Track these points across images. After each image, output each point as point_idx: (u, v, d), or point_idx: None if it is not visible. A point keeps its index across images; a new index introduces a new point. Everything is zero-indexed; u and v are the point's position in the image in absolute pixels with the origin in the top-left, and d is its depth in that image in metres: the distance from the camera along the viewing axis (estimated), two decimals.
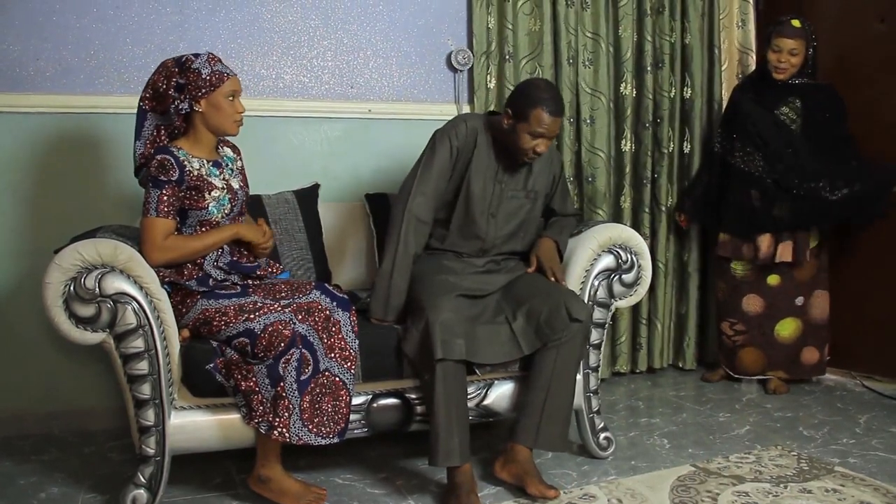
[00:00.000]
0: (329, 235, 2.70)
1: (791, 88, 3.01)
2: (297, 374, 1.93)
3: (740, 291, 3.11)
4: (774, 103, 3.02)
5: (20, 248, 2.60)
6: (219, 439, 2.01)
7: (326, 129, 2.95)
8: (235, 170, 2.22)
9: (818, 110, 2.99)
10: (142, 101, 2.12)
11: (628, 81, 3.22)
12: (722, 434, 2.59)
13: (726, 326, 3.17)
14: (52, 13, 2.60)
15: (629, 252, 2.38)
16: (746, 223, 3.03)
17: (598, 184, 3.18)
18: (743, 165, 3.04)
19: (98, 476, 2.27)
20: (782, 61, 2.95)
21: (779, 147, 2.97)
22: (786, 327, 3.08)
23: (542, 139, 2.25)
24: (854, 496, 2.04)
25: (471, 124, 2.37)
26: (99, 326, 1.89)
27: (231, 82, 2.07)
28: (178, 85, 2.06)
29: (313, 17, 2.92)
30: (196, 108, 2.06)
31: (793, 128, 3.00)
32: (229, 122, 2.09)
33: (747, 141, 3.03)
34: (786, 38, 2.93)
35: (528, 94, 2.25)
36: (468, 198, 2.35)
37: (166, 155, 2.03)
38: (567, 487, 2.14)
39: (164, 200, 2.01)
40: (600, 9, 3.15)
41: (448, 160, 2.33)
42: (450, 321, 2.06)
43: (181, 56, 2.09)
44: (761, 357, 3.11)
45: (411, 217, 2.28)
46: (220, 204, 2.11)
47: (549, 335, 2.13)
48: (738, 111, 3.08)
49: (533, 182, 2.42)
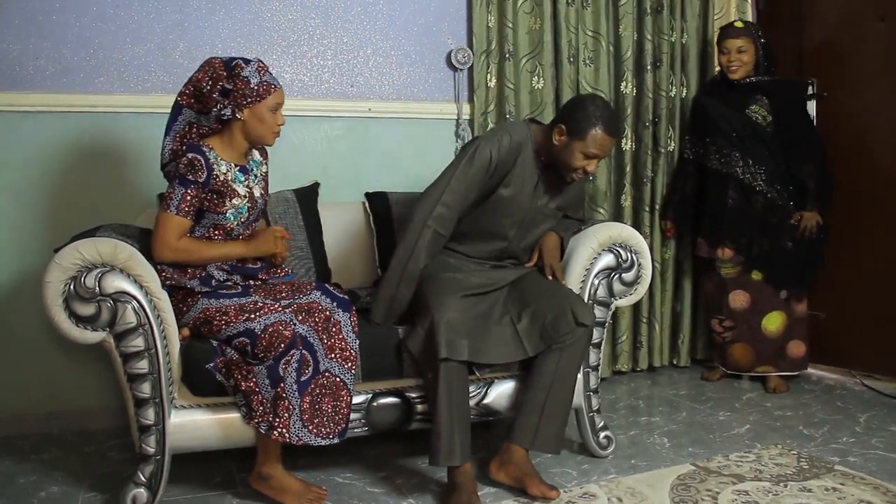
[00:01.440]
0: (329, 234, 2.70)
1: (754, 87, 3.08)
2: (298, 374, 1.93)
3: (726, 288, 3.16)
4: (743, 103, 3.08)
5: (20, 247, 2.60)
6: (219, 438, 2.01)
7: (326, 128, 2.95)
8: (259, 175, 2.20)
9: (785, 105, 3.07)
10: (181, 96, 2.10)
11: (628, 80, 3.22)
12: (722, 433, 2.59)
13: (715, 323, 3.22)
14: (51, 12, 2.60)
15: (629, 251, 2.38)
16: (717, 228, 3.10)
17: (599, 182, 3.18)
18: (720, 167, 3.10)
19: (98, 475, 2.27)
20: (732, 61, 3.05)
21: (756, 147, 3.04)
22: (772, 321, 3.11)
23: (595, 160, 2.20)
24: (854, 495, 2.04)
25: (515, 138, 2.25)
26: (99, 325, 1.89)
27: (277, 94, 2.06)
28: (224, 90, 2.03)
29: (313, 15, 2.92)
30: (239, 115, 2.03)
31: (765, 126, 3.06)
32: (269, 134, 2.08)
33: (724, 142, 3.09)
34: (731, 39, 3.05)
35: (587, 112, 2.16)
36: (497, 206, 2.26)
37: (198, 155, 2.01)
38: (567, 486, 2.14)
39: (186, 199, 2.00)
40: (601, 7, 3.16)
41: (484, 173, 2.21)
42: (455, 321, 2.06)
43: (231, 59, 2.05)
44: (750, 352, 3.15)
45: (429, 230, 2.19)
46: (239, 212, 2.10)
47: (554, 338, 2.13)
48: (708, 114, 3.14)
49: (562, 199, 2.38)
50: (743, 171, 3.05)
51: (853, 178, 3.13)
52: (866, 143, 3.14)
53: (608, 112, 2.19)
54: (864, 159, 3.14)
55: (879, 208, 3.09)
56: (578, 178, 2.24)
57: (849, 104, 3.18)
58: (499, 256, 2.39)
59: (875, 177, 3.10)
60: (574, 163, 2.19)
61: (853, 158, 3.16)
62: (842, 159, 3.14)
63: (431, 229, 2.20)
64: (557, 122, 2.23)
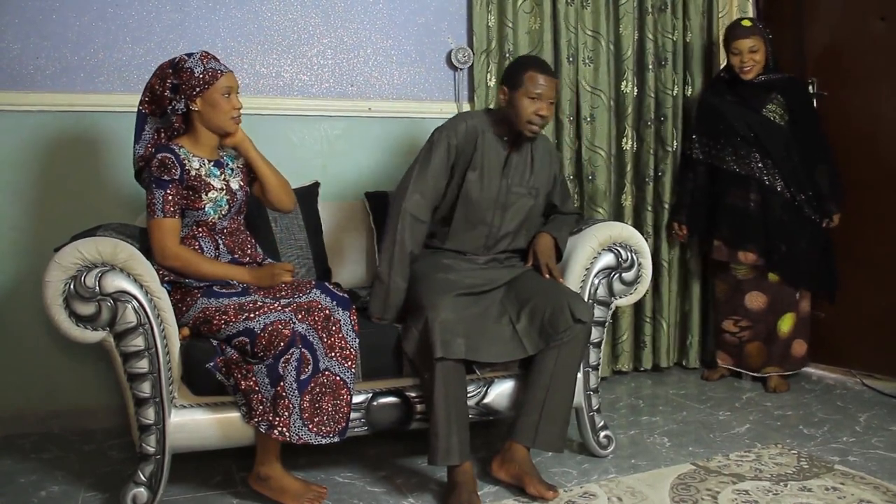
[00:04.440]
0: (329, 234, 2.70)
1: (769, 85, 3.04)
2: (297, 373, 1.93)
3: (743, 289, 3.12)
4: (760, 103, 3.04)
5: (20, 246, 2.60)
6: (219, 437, 2.01)
7: (326, 128, 2.95)
8: (237, 169, 2.22)
9: (798, 103, 3.05)
10: (140, 104, 2.14)
11: (629, 79, 3.21)
12: (722, 432, 2.59)
13: (730, 324, 3.17)
14: (51, 11, 2.60)
15: (629, 250, 2.38)
16: (739, 231, 3.06)
17: (599, 182, 3.18)
18: (738, 169, 3.06)
19: (98, 474, 2.27)
20: (745, 62, 3.00)
21: (776, 148, 3.00)
22: (786, 322, 3.10)
23: (541, 101, 2.27)
24: (854, 494, 2.04)
25: (471, 123, 2.36)
26: (99, 325, 1.89)
27: (225, 78, 2.07)
28: (173, 86, 2.06)
29: (313, 15, 2.92)
30: (192, 107, 2.06)
31: (783, 125, 3.03)
32: (226, 119, 2.09)
33: (741, 143, 3.05)
34: (742, 39, 2.99)
35: (517, 63, 2.36)
36: (471, 191, 2.33)
37: (167, 153, 2.03)
38: (567, 486, 2.14)
39: (168, 200, 2.02)
40: (600, 7, 3.15)
41: (445, 160, 2.32)
42: (449, 320, 2.06)
43: (175, 57, 2.09)
44: (764, 352, 3.13)
45: (406, 215, 2.27)
46: (218, 205, 2.11)
47: (552, 335, 2.13)
48: (722, 115, 3.08)
49: (534, 179, 2.42)
50: (762, 173, 3.02)
51: (853, 177, 3.13)
52: (866, 142, 3.14)
53: (538, 59, 2.40)
54: (864, 159, 3.14)
55: (879, 208, 3.08)
56: (535, 128, 2.31)
57: (849, 104, 3.18)
58: (487, 245, 2.40)
59: (875, 176, 3.10)
60: (524, 112, 2.28)
61: (853, 158, 3.15)
62: (842, 159, 3.14)
63: (409, 214, 2.28)
64: (500, 86, 2.37)
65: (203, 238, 2.12)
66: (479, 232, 2.38)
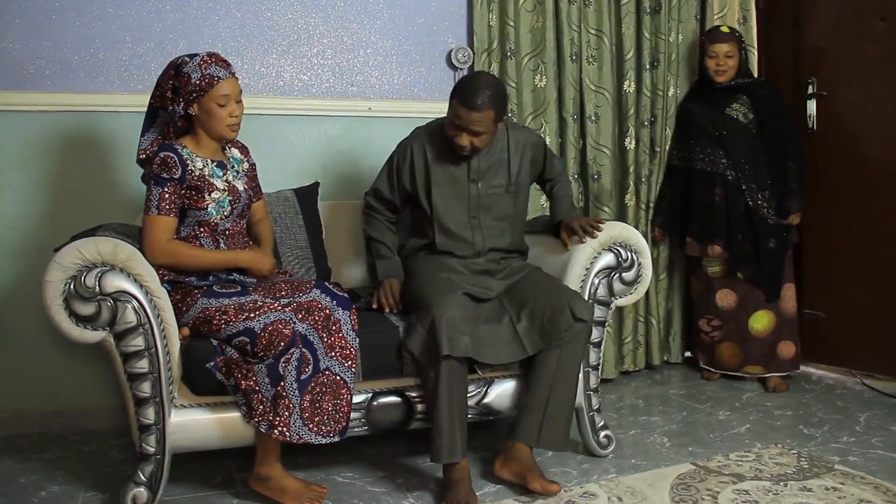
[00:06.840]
0: (329, 234, 2.70)
1: (736, 88, 3.14)
2: (297, 373, 1.93)
3: (713, 287, 3.17)
4: (725, 103, 3.13)
5: (20, 246, 2.60)
6: (219, 438, 2.01)
7: (326, 128, 2.95)
8: (241, 171, 2.21)
9: (766, 104, 3.11)
10: (152, 98, 2.15)
11: (630, 79, 3.22)
12: (722, 432, 2.59)
13: (703, 323, 3.23)
14: (52, 11, 2.60)
15: (629, 250, 2.38)
16: (706, 226, 3.13)
17: (604, 181, 3.17)
18: (705, 167, 3.14)
19: (98, 474, 2.27)
20: (720, 65, 3.10)
21: (736, 145, 3.08)
22: (759, 320, 3.11)
23: (461, 131, 2.23)
24: (854, 494, 2.04)
25: (410, 141, 2.42)
26: (99, 325, 1.89)
27: (222, 86, 2.04)
28: (174, 87, 2.06)
29: (313, 14, 2.92)
30: (190, 111, 2.06)
31: (746, 124, 3.10)
32: (222, 127, 2.08)
33: (708, 141, 3.14)
34: (719, 44, 3.10)
35: (456, 85, 2.26)
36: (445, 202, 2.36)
37: (169, 153, 2.03)
38: (567, 486, 2.14)
39: (165, 198, 2.01)
40: (602, 5, 3.15)
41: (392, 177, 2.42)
42: (455, 318, 2.06)
43: (179, 57, 2.09)
44: (738, 351, 3.15)
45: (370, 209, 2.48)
46: (220, 206, 2.11)
47: (553, 335, 2.13)
48: (693, 116, 3.20)
49: (512, 174, 2.40)
50: (728, 170, 3.09)
51: (853, 177, 3.13)
52: (866, 142, 3.14)
53: (472, 85, 2.20)
54: (864, 159, 3.14)
55: (879, 208, 3.08)
56: (463, 153, 2.28)
57: (848, 103, 3.18)
58: (481, 252, 2.39)
59: (875, 176, 3.10)
60: (449, 134, 2.27)
61: (852, 158, 3.16)
62: (841, 159, 3.14)
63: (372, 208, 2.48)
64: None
65: (205, 238, 2.11)
66: (467, 237, 2.38)
